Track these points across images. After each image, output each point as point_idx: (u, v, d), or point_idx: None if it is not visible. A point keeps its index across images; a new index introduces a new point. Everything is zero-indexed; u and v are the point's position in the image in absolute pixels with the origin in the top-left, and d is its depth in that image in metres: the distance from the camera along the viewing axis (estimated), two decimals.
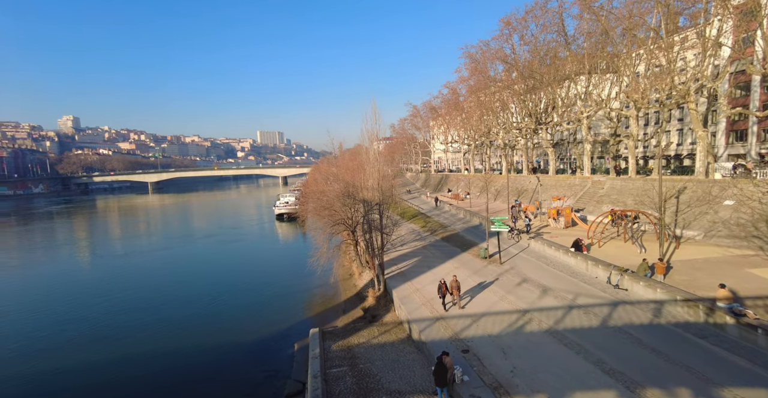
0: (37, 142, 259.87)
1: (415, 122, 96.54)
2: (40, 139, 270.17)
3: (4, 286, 32.85)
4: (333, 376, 13.76)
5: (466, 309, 17.49)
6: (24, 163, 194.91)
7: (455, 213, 45.41)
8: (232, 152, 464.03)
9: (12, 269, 39.32)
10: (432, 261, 26.05)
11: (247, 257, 41.31)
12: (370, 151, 31.35)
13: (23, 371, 18.13)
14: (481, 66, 52.45)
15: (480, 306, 17.81)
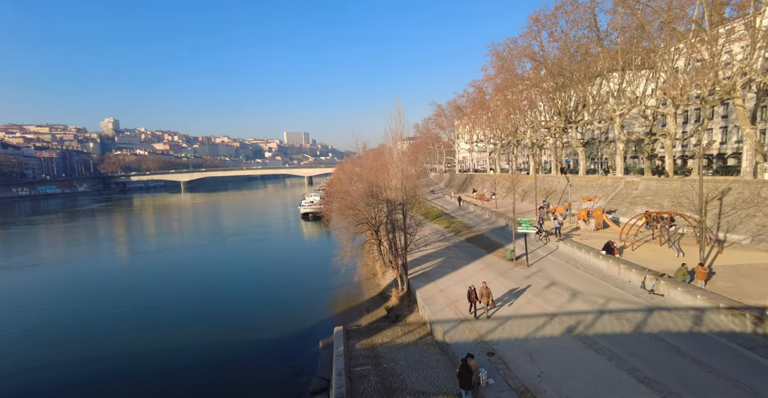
0: (82, 143, 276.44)
1: (440, 121, 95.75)
2: (84, 141, 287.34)
3: (50, 280, 35.08)
4: (357, 374, 13.87)
5: (490, 311, 17.18)
6: (70, 163, 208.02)
7: (480, 213, 44.71)
8: (260, 152, 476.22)
9: (58, 263, 41.97)
10: (456, 262, 25.76)
11: (273, 255, 42.29)
12: (394, 151, 31.39)
13: (61, 358, 19.27)
14: (508, 64, 51.34)
15: (506, 309, 17.47)
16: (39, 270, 38.21)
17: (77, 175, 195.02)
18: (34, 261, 41.46)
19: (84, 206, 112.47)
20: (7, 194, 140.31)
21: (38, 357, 19.42)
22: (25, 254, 46.06)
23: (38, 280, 34.49)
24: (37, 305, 27.17)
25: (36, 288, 32.02)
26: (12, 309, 26.65)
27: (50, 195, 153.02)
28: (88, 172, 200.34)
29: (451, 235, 35.11)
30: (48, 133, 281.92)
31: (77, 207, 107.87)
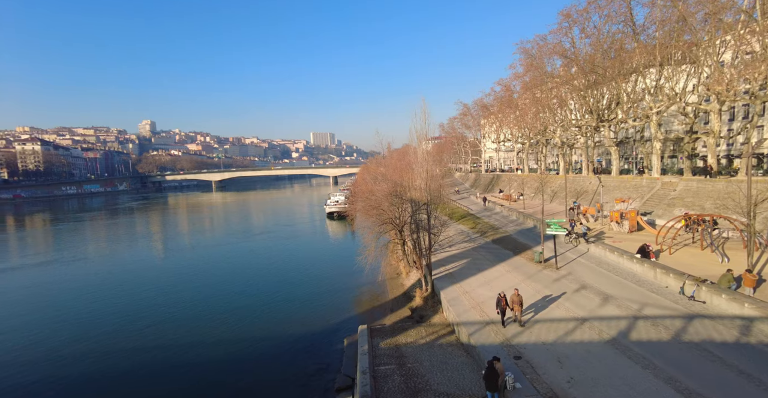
0: (122, 144, 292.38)
1: (466, 121, 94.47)
2: (124, 142, 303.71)
3: (92, 274, 37.29)
4: (381, 373, 13.92)
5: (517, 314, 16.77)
6: (112, 163, 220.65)
7: (507, 214, 43.79)
8: (287, 153, 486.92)
9: (100, 259, 44.53)
10: (482, 264, 25.36)
11: (299, 253, 43.10)
12: (419, 151, 31.27)
13: (93, 349, 20.41)
14: (538, 61, 50.02)
15: (532, 312, 17.02)
16: (83, 264, 40.71)
17: (118, 174, 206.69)
18: (80, 256, 44.18)
19: (124, 204, 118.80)
20: (57, 192, 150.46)
21: (68, 348, 20.64)
22: (72, 249, 49.19)
23: (82, 274, 36.74)
24: (77, 298, 28.96)
25: (79, 281, 34.11)
26: (57, 301, 28.51)
27: (94, 193, 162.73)
28: (128, 172, 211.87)
29: (476, 236, 34.59)
30: (93, 135, 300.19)
31: (117, 205, 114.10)
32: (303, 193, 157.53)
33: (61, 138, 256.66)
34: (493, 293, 19.70)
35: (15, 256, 46.33)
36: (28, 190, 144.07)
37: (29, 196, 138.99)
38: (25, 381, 17.31)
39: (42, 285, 32.72)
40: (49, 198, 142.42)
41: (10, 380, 17.46)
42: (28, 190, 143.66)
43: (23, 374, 17.94)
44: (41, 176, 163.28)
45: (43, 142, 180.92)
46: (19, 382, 17.25)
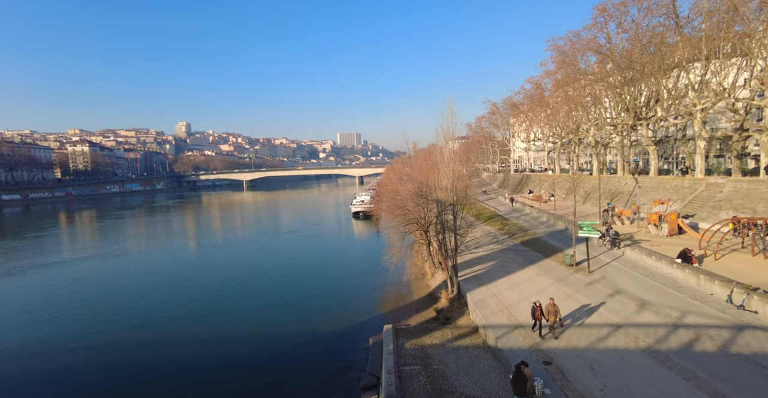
0: (160, 145, 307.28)
1: (494, 120, 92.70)
2: (162, 143, 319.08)
3: (130, 270, 39.41)
4: (406, 374, 13.90)
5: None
6: (150, 163, 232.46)
7: (537, 216, 42.58)
8: (315, 153, 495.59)
9: (137, 254, 47.04)
10: (510, 266, 24.79)
11: (326, 252, 43.74)
12: (445, 150, 30.96)
13: (119, 341, 21.46)
14: (570, 58, 48.31)
15: (563, 315, 16.44)
16: (124, 260, 43.10)
17: (156, 174, 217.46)
18: (120, 252, 46.78)
19: (161, 202, 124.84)
20: (102, 191, 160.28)
21: (97, 339, 21.81)
22: (114, 245, 52.23)
23: (122, 269, 38.93)
24: (117, 292, 30.61)
25: (119, 276, 36.16)
26: (99, 294, 30.32)
27: (134, 192, 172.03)
28: (165, 171, 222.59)
29: (504, 238, 33.85)
30: (134, 137, 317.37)
31: (155, 204, 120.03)
32: (329, 192, 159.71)
33: (106, 139, 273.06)
34: (522, 296, 19.26)
35: (66, 251, 49.68)
36: (77, 188, 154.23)
37: (78, 194, 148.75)
38: (71, 366, 18.50)
39: (86, 279, 34.86)
40: (96, 196, 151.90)
41: (63, 363, 18.71)
42: (78, 189, 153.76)
43: (71, 360, 19.19)
44: (89, 175, 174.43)
45: (90, 143, 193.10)
46: (69, 365, 18.47)
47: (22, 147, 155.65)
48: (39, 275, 36.05)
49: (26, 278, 35.09)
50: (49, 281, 33.66)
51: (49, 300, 28.26)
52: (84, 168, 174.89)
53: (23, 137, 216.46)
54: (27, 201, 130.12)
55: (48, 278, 34.68)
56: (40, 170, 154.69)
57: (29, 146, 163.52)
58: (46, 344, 20.89)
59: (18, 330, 22.98)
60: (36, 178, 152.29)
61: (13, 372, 18.10)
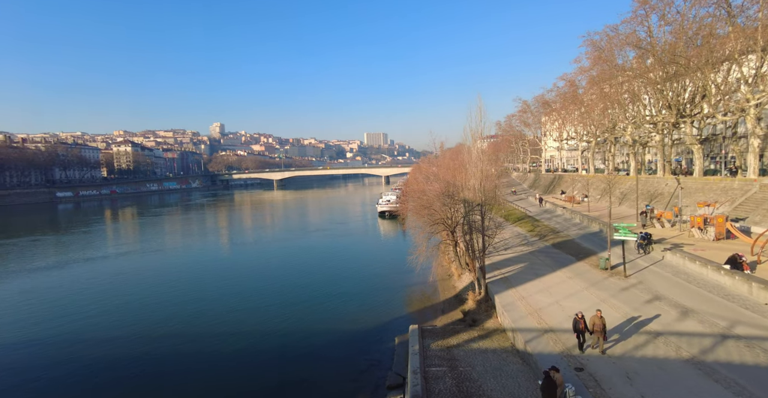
0: (195, 145, 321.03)
1: (524, 118, 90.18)
2: (197, 143, 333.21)
3: (165, 265, 41.39)
4: (432, 375, 13.83)
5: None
6: (187, 163, 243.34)
7: (569, 217, 41.14)
8: (342, 153, 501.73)
9: (172, 251, 49.37)
10: (540, 269, 24.10)
11: (352, 250, 44.22)
12: (473, 150, 30.47)
13: (145, 336, 22.50)
14: (607, 54, 46.23)
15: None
16: (160, 255, 45.48)
17: (191, 172, 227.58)
18: (156, 248, 49.32)
19: (195, 200, 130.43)
20: (143, 189, 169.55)
21: (131, 330, 23.04)
22: (151, 241, 55.17)
23: (157, 265, 41.06)
24: (151, 286, 32.25)
25: (155, 271, 38.15)
26: (131, 288, 32.05)
27: (171, 190, 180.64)
28: (200, 170, 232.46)
29: (534, 240, 32.93)
30: (171, 137, 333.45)
31: (191, 202, 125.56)
32: (356, 191, 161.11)
33: (146, 140, 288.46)
34: (553, 300, 18.70)
35: (110, 247, 52.91)
36: (121, 186, 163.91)
37: (122, 192, 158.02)
38: (104, 355, 19.69)
39: (125, 273, 36.92)
40: (137, 193, 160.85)
41: (97, 353, 19.96)
42: (121, 187, 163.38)
43: (105, 350, 20.43)
44: (131, 174, 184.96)
45: (133, 143, 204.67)
46: (103, 354, 19.67)
47: (74, 148, 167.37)
48: (84, 268, 38.66)
49: (73, 271, 37.68)
50: (92, 274, 35.97)
51: (90, 293, 30.23)
52: (127, 167, 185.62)
53: (75, 138, 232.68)
54: (78, 198, 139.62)
55: (91, 271, 37.08)
56: (89, 169, 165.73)
57: (80, 147, 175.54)
58: (86, 332, 22.37)
59: (62, 318, 24.71)
60: (86, 176, 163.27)
61: (53, 357, 19.48)
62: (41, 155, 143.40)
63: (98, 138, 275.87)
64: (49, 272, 36.95)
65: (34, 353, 20.03)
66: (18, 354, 20.08)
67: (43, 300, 28.30)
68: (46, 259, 42.86)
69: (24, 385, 17.04)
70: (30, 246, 51.23)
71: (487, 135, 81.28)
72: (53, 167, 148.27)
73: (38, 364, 18.84)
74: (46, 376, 17.70)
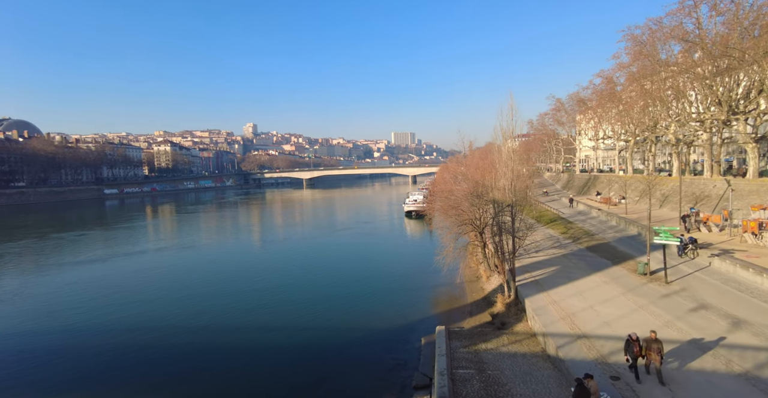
0: (229, 145, 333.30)
1: (558, 117, 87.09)
2: (231, 143, 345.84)
3: (197, 261, 43.07)
4: (459, 377, 13.66)
5: (617, 330, 14.98)
6: (221, 162, 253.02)
7: (605, 219, 39.38)
8: (370, 152, 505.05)
9: (205, 247, 51.44)
10: (573, 273, 23.22)
11: (378, 249, 44.37)
12: (503, 149, 29.80)
13: (177, 329, 23.41)
14: (649, 49, 43.78)
15: (635, 329, 14.92)
16: (194, 252, 47.46)
17: (226, 171, 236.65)
18: (191, 244, 51.51)
19: (229, 198, 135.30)
20: (180, 186, 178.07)
21: (161, 322, 24.05)
22: (186, 237, 57.81)
23: (190, 260, 42.86)
24: (179, 281, 33.71)
25: (187, 266, 39.87)
26: (165, 282, 33.62)
27: (207, 188, 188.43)
28: (233, 169, 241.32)
29: (567, 242, 31.77)
30: (207, 137, 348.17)
31: (224, 199, 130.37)
32: (383, 191, 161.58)
33: (184, 140, 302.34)
34: (586, 304, 17.99)
35: (150, 242, 55.90)
36: (160, 184, 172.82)
37: (161, 190, 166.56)
38: (131, 345, 20.79)
39: (161, 267, 38.83)
40: (175, 191, 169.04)
41: (140, 345, 21.11)
42: (161, 184, 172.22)
43: (133, 340, 21.55)
44: (169, 172, 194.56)
45: (171, 143, 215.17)
46: (130, 344, 20.78)
47: (120, 147, 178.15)
48: (126, 262, 40.99)
49: (116, 264, 40.06)
50: (130, 268, 37.95)
51: (129, 285, 31.99)
52: (166, 165, 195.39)
53: (120, 138, 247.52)
54: (122, 195, 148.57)
55: (131, 265, 39.13)
56: (132, 167, 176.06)
57: (125, 147, 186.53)
58: (123, 323, 23.70)
59: (102, 309, 26.34)
60: (129, 174, 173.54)
61: (95, 344, 20.78)
62: (91, 154, 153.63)
63: (141, 138, 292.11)
64: (94, 265, 39.48)
65: (78, 341, 21.41)
66: (63, 341, 21.52)
67: (88, 291, 30.14)
68: (94, 252, 45.85)
69: (73, 368, 18.30)
70: (82, 240, 55.04)
71: (519, 134, 79.14)
72: (101, 166, 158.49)
73: (83, 351, 20.13)
74: (89, 362, 18.92)
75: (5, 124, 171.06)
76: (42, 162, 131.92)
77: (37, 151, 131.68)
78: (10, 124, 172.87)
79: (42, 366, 18.54)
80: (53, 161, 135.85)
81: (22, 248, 49.31)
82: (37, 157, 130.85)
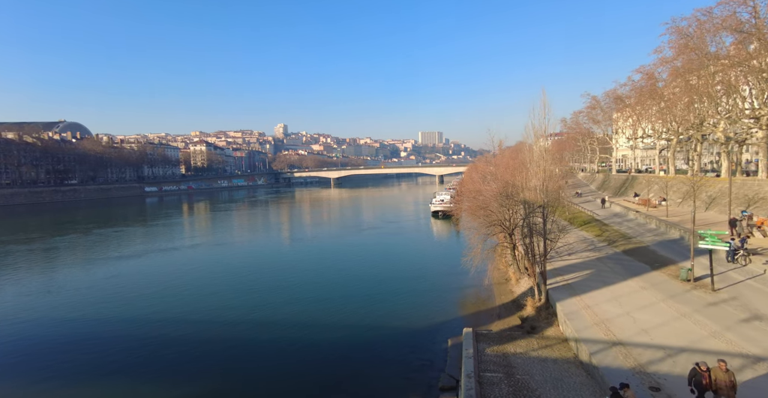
0: (261, 145, 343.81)
1: (593, 115, 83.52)
2: (263, 143, 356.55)
3: (229, 257, 44.58)
4: (487, 380, 13.42)
5: (656, 339, 14.22)
6: (253, 162, 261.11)
7: (644, 222, 37.44)
8: (396, 152, 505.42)
9: (235, 245, 53.18)
10: (608, 277, 22.24)
11: (404, 249, 44.24)
12: (535, 148, 28.98)
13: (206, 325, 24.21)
14: (696, 41, 41.10)
15: (677, 338, 14.23)
16: (224, 248, 49.24)
17: (257, 171, 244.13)
18: (223, 241, 53.40)
19: (260, 197, 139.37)
20: (214, 185, 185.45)
21: (193, 315, 24.94)
22: (219, 234, 60.08)
23: (222, 257, 44.40)
24: (210, 276, 34.91)
25: (217, 262, 41.25)
26: (197, 277, 34.92)
27: (240, 187, 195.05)
28: (265, 169, 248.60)
29: (602, 245, 30.46)
30: (240, 137, 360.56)
31: (256, 198, 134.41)
32: (409, 190, 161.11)
33: (218, 140, 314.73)
34: (623, 310, 17.19)
35: (186, 238, 58.55)
36: (196, 182, 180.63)
37: (197, 188, 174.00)
38: (164, 338, 21.73)
39: (193, 263, 40.31)
40: (209, 189, 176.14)
41: (167, 338, 22.14)
42: (196, 183, 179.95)
43: (174, 337, 22.55)
44: (204, 171, 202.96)
45: (207, 143, 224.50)
46: (163, 337, 21.74)
47: (160, 147, 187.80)
48: (163, 258, 43.10)
49: (153, 260, 42.15)
50: (167, 263, 39.70)
51: (162, 280, 33.51)
52: (201, 165, 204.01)
53: (160, 139, 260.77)
54: (161, 192, 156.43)
55: (167, 261, 40.92)
56: (170, 166, 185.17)
57: (164, 146, 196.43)
58: (160, 314, 24.90)
59: (138, 302, 27.77)
60: (168, 173, 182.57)
61: (132, 334, 21.96)
62: (134, 154, 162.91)
63: (178, 138, 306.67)
64: (134, 260, 41.57)
65: (116, 331, 22.70)
66: (101, 330, 22.85)
67: (127, 285, 31.61)
68: (135, 248, 48.45)
69: (111, 356, 19.46)
70: (124, 236, 58.49)
71: (551, 132, 76.59)
72: (143, 164, 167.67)
73: (123, 343, 21.36)
74: (125, 352, 20.03)
75: (61, 126, 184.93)
76: (91, 161, 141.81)
77: (87, 151, 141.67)
78: (65, 126, 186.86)
79: (79, 352, 19.72)
80: (101, 160, 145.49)
81: (69, 243, 52.90)
82: (88, 157, 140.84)
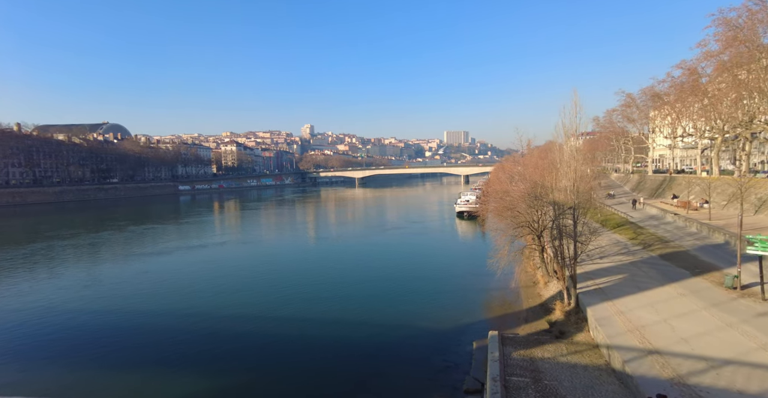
0: (288, 145, 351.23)
1: (628, 113, 79.96)
2: (290, 143, 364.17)
3: (256, 255, 45.78)
4: (513, 384, 13.16)
5: (697, 349, 13.46)
6: (281, 162, 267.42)
7: (683, 225, 35.50)
8: (421, 152, 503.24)
9: (263, 241, 54.59)
10: (643, 282, 21.25)
11: (429, 250, 43.99)
12: (565, 148, 28.11)
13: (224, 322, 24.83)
14: (746, 33, 38.53)
15: (721, 349, 13.41)
16: (251, 246, 50.67)
17: (285, 170, 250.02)
18: (251, 239, 54.89)
19: (287, 196, 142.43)
20: (243, 184, 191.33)
21: (217, 312, 25.63)
22: (247, 232, 61.88)
23: (248, 253, 45.67)
24: (238, 273, 35.78)
25: (245, 259, 42.41)
26: (223, 274, 35.99)
27: (268, 186, 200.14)
28: (292, 169, 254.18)
29: (637, 249, 29.14)
30: (269, 138, 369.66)
31: (283, 197, 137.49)
32: (434, 191, 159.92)
33: (248, 140, 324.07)
34: (659, 317, 16.42)
35: (216, 235, 60.77)
36: (227, 181, 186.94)
37: (227, 187, 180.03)
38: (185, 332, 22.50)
39: (221, 260, 41.70)
40: (239, 188, 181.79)
41: (192, 330, 22.94)
42: (227, 182, 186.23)
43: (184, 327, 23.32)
44: (234, 171, 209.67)
45: (237, 143, 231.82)
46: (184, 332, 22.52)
47: (193, 147, 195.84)
48: (194, 254, 44.78)
49: (184, 256, 43.84)
50: (197, 260, 40.92)
51: (192, 276, 34.79)
52: (232, 164, 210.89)
53: (193, 139, 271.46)
54: (194, 191, 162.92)
55: (198, 257, 42.29)
56: (202, 166, 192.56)
57: (197, 147, 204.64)
58: (187, 310, 25.86)
59: (168, 297, 28.95)
60: (200, 172, 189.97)
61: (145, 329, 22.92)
62: (169, 154, 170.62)
63: (210, 138, 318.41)
64: (167, 256, 43.18)
65: (146, 324, 23.84)
66: (135, 324, 24.08)
67: (158, 280, 32.80)
68: (168, 244, 50.45)
69: (145, 345, 20.47)
70: (159, 233, 61.26)
71: (583, 132, 73.83)
72: (177, 164, 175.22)
73: (154, 335, 22.40)
74: (154, 344, 20.98)
75: (104, 127, 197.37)
76: (131, 161, 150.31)
77: (127, 151, 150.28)
78: (108, 127, 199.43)
79: (111, 343, 20.79)
80: (139, 160, 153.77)
81: (107, 239, 55.82)
82: (128, 157, 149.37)
